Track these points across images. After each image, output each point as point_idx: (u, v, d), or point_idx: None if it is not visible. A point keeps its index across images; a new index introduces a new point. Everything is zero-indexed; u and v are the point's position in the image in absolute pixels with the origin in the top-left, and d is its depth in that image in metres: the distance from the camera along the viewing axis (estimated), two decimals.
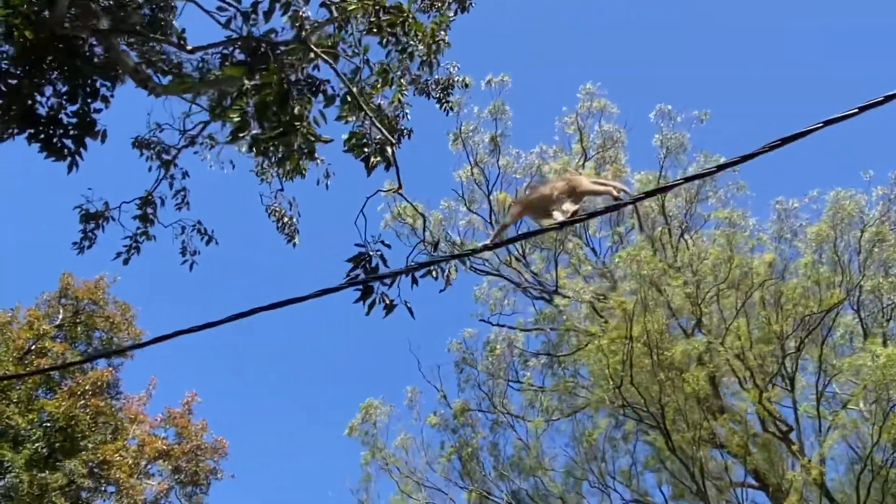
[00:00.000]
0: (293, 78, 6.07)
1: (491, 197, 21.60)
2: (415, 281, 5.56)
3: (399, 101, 6.23)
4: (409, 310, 5.77)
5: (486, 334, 21.29)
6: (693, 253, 15.35)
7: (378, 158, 5.60)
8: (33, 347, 15.04)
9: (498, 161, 21.51)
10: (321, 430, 42.47)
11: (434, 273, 5.60)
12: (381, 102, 6.28)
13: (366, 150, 5.64)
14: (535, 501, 19.05)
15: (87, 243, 10.22)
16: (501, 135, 21.38)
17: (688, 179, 4.68)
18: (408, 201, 9.82)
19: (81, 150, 7.45)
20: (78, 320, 16.18)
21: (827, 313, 15.34)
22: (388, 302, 5.65)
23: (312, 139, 5.22)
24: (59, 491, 13.04)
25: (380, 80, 6.07)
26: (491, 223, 21.72)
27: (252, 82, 5.42)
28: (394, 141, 5.66)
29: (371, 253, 5.70)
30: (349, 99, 6.33)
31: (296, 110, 5.22)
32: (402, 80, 6.24)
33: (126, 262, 10.37)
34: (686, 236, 17.13)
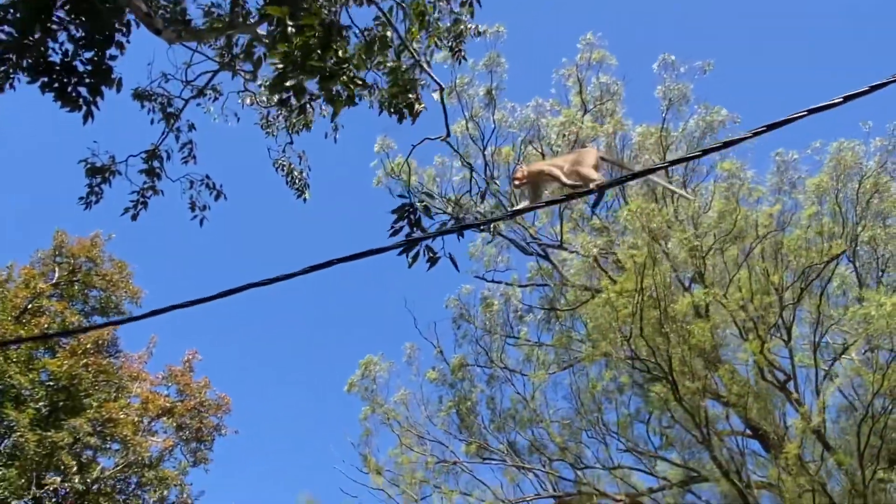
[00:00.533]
0: (327, 21, 5.82)
1: (486, 152, 21.34)
2: (461, 234, 5.42)
3: (436, 44, 6.00)
4: (454, 262, 5.65)
5: (481, 290, 21.38)
6: (697, 206, 15.33)
7: (422, 105, 5.41)
8: (29, 306, 14.77)
9: (493, 115, 21.15)
10: (321, 386, 42.82)
11: (482, 228, 5.47)
12: (416, 47, 6.06)
13: (410, 96, 5.45)
14: (532, 451, 19.35)
15: (93, 198, 9.96)
16: (496, 88, 20.99)
17: (704, 152, 4.65)
18: (453, 149, 9.59)
19: (98, 99, 7.15)
20: (74, 279, 15.89)
21: (828, 264, 15.48)
22: (431, 255, 5.52)
23: (360, 83, 5.01)
24: (65, 449, 12.97)
25: (416, 24, 5.83)
26: (486, 180, 21.52)
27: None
28: (443, 85, 5.47)
29: (415, 204, 5.56)
30: (381, 43, 6.09)
31: (339, 53, 4.99)
32: (438, 24, 6.02)
33: (135, 217, 10.11)
34: (687, 189, 17.08)
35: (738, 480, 14.08)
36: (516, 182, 5.54)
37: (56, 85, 7.01)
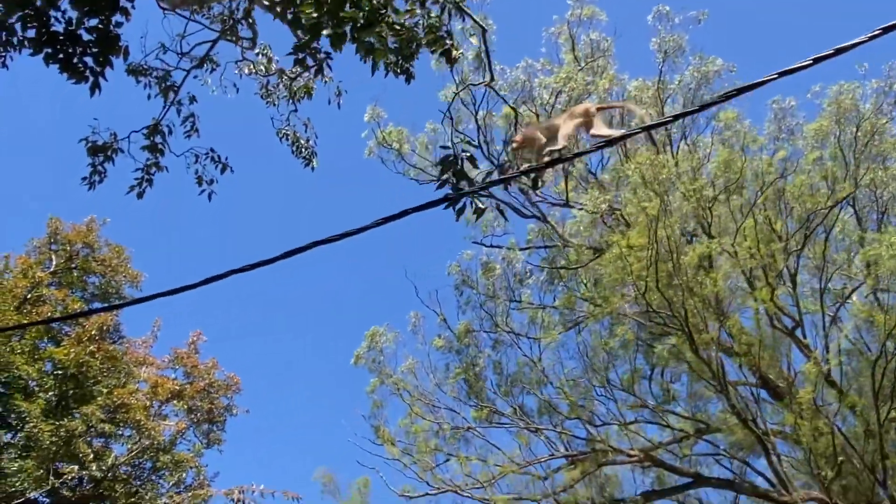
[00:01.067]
0: None
1: (478, 116, 21.00)
2: (507, 185, 5.23)
3: None
4: (502, 213, 5.47)
5: (479, 256, 21.23)
6: (701, 156, 15.22)
7: (459, 51, 5.20)
8: (29, 296, 14.44)
9: (483, 78, 20.72)
10: (328, 361, 42.69)
11: (528, 177, 5.30)
12: None
13: (447, 42, 5.22)
14: (542, 413, 19.40)
15: (97, 178, 9.65)
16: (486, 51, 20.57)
17: (703, 107, 4.58)
18: (499, 95, 9.35)
19: (106, 69, 6.84)
20: (72, 265, 15.56)
21: (832, 208, 15.48)
22: (477, 205, 5.33)
23: (398, 28, 4.78)
24: (81, 438, 12.78)
25: None
26: (479, 145, 21.23)
27: None
28: (485, 27, 5.25)
29: (458, 155, 5.37)
30: None
31: (373, 1, 4.75)
32: None
33: (140, 195, 9.81)
34: (686, 140, 16.97)
35: (756, 427, 14.15)
36: (514, 145, 5.44)
37: (61, 56, 6.70)
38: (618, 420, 17.64)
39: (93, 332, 14.02)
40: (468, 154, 5.24)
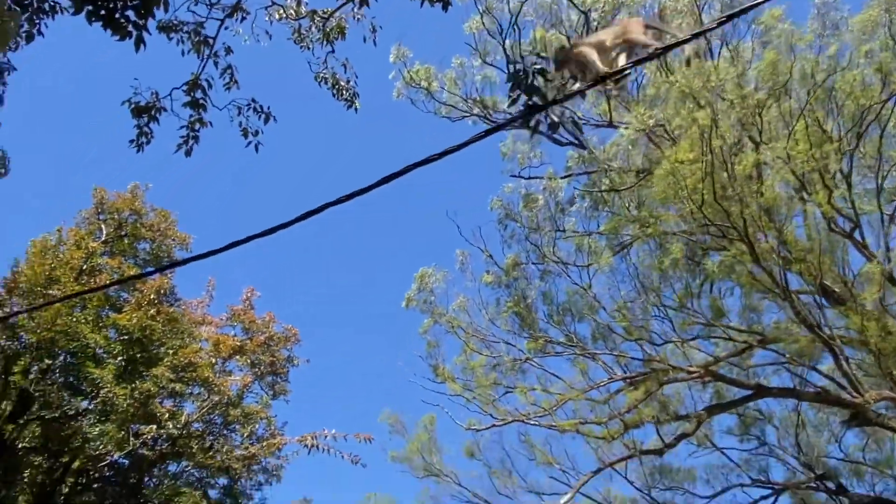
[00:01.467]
0: None
1: (505, 45, 20.43)
2: (582, 96, 5.02)
3: None
4: (577, 124, 5.27)
5: (519, 190, 20.96)
6: (745, 61, 14.65)
7: None
8: (85, 267, 14.66)
9: (508, 5, 20.14)
10: (381, 305, 43.34)
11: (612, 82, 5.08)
12: None
13: None
14: (596, 339, 19.39)
15: (144, 140, 9.58)
16: None
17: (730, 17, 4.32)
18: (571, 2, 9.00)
19: (148, 21, 6.70)
20: (122, 233, 15.74)
21: (886, 101, 14.89)
22: (552, 119, 5.14)
23: None
24: (156, 398, 13.12)
25: None
26: (508, 72, 20.63)
27: None
28: None
29: (528, 69, 5.14)
30: None
31: None
32: None
33: (188, 153, 9.73)
34: (728, 47, 16.32)
35: (821, 332, 13.96)
36: (562, 58, 5.23)
37: (102, 12, 6.56)
38: (676, 338, 17.52)
39: (151, 297, 14.23)
40: (539, 67, 5.02)
